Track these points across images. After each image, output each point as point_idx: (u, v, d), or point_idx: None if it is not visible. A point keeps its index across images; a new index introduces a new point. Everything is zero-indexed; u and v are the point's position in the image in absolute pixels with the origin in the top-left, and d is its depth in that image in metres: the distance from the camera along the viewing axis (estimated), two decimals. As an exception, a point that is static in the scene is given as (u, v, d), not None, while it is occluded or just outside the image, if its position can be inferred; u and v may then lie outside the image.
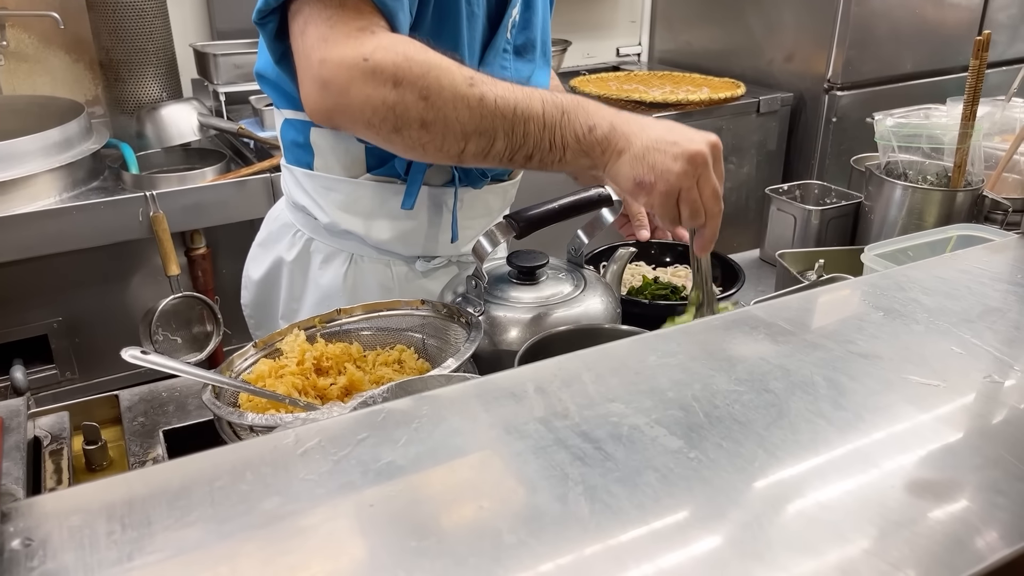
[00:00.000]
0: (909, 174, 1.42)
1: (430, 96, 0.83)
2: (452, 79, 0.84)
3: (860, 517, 0.49)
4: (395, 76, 0.83)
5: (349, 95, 0.84)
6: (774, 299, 1.18)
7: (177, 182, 1.98)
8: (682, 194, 0.84)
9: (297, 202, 1.23)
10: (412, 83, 0.83)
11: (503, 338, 1.02)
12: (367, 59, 0.83)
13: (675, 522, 0.49)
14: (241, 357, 0.98)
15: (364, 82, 0.83)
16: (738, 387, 0.62)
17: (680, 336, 0.71)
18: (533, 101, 0.85)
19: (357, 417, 0.59)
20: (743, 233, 3.01)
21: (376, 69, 0.83)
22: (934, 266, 0.85)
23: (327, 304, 1.21)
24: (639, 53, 3.49)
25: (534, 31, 1.19)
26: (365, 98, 0.84)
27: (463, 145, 0.86)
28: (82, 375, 2.02)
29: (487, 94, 0.84)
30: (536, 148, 0.86)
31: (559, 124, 0.85)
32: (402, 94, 0.83)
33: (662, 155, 0.83)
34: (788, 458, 0.55)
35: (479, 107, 0.84)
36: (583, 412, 0.59)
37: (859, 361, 0.66)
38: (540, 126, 0.85)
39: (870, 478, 0.53)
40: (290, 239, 1.26)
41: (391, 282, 1.23)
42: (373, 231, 1.18)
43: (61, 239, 1.86)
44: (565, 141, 0.85)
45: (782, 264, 1.35)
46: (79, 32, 2.37)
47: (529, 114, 0.84)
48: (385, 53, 0.83)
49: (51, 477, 0.95)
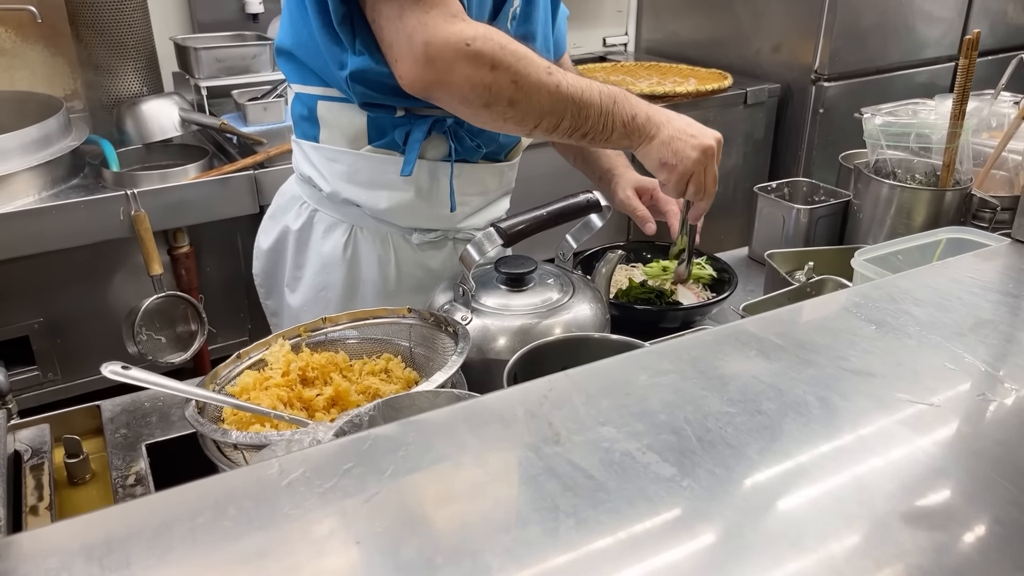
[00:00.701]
0: (898, 173, 1.42)
1: (519, 80, 0.98)
2: (536, 68, 1.00)
3: (856, 551, 0.48)
4: (493, 61, 0.97)
5: (452, 73, 0.97)
6: (767, 311, 1.18)
7: (159, 180, 1.95)
8: (693, 176, 1.08)
9: (303, 173, 1.30)
10: (506, 68, 0.98)
11: (491, 347, 1.01)
12: (469, 44, 0.96)
13: (670, 557, 0.48)
14: (225, 368, 0.97)
15: (467, 63, 0.97)
16: (730, 408, 0.61)
17: (671, 353, 0.70)
18: (593, 91, 1.03)
19: (343, 444, 0.58)
20: (730, 225, 3.01)
21: (479, 53, 0.96)
22: (925, 275, 0.85)
23: (327, 272, 1.30)
24: (625, 43, 3.47)
25: (534, 24, 1.22)
26: (466, 77, 0.97)
27: (539, 122, 1.02)
28: (64, 376, 1.99)
29: (561, 82, 1.01)
30: (592, 129, 1.04)
31: (611, 111, 1.04)
32: (497, 76, 0.98)
33: (683, 144, 1.06)
34: (781, 488, 0.54)
35: (556, 92, 1.00)
36: (574, 437, 0.58)
37: (852, 379, 0.65)
38: (598, 112, 1.03)
39: (865, 508, 0.52)
40: (297, 210, 1.33)
41: (388, 253, 1.29)
42: (372, 200, 1.24)
43: (41, 239, 1.83)
44: (614, 125, 1.04)
45: (771, 264, 1.34)
46: (57, 25, 2.32)
47: (591, 101, 1.02)
48: (485, 41, 0.97)
49: (32, 494, 0.93)
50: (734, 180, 2.95)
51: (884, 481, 0.54)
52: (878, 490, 0.53)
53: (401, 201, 1.23)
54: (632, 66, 3.11)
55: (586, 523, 0.50)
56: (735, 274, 1.36)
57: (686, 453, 0.56)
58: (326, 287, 1.31)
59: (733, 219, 3.02)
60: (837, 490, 0.54)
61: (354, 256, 1.29)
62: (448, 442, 0.58)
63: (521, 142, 1.32)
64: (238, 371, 0.97)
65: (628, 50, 3.48)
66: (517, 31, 1.19)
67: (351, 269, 1.29)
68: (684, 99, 2.69)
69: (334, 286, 1.30)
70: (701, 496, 0.52)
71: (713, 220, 2.96)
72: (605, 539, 0.49)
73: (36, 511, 0.92)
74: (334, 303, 1.31)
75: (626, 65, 3.13)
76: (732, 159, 2.91)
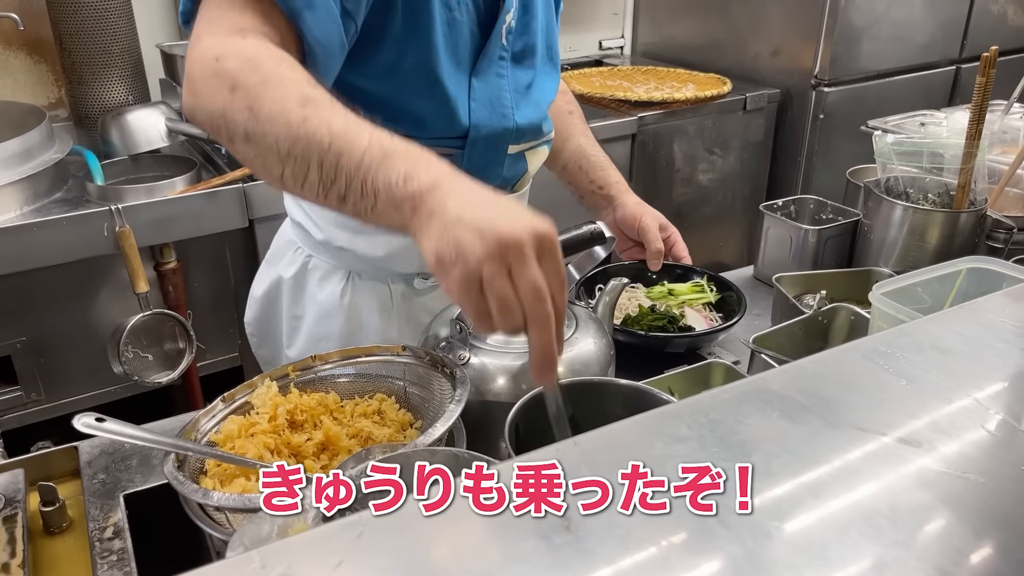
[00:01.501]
0: (910, 192, 1.37)
1: (255, 107, 0.75)
2: (284, 94, 0.75)
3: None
4: (234, 81, 0.76)
5: (198, 94, 0.79)
6: (779, 345, 1.13)
7: (145, 194, 1.89)
8: (484, 283, 0.66)
9: (295, 218, 1.22)
10: (245, 91, 0.76)
11: (490, 388, 0.95)
12: (218, 59, 0.78)
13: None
14: (207, 416, 0.91)
15: (208, 82, 0.78)
16: (756, 482, 0.56)
17: (688, 415, 0.65)
18: (358, 137, 0.73)
19: (332, 534, 0.52)
20: (727, 234, 2.96)
21: (221, 71, 0.77)
22: (953, 320, 0.80)
23: (327, 322, 1.20)
24: (622, 46, 3.42)
25: (533, 36, 1.13)
26: (208, 99, 0.78)
27: (282, 168, 0.76)
28: (48, 396, 1.94)
29: (312, 117, 0.74)
30: (348, 189, 0.73)
31: (375, 167, 0.71)
32: (232, 100, 0.76)
33: (469, 231, 0.66)
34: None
35: (298, 128, 0.73)
36: (587, 522, 0.53)
37: (884, 446, 0.60)
38: (355, 165, 0.72)
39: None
40: (291, 256, 1.25)
41: (389, 300, 1.21)
42: (369, 248, 1.15)
43: (23, 257, 1.77)
44: (376, 188, 0.71)
45: (780, 290, 1.29)
46: (40, 33, 2.26)
47: (345, 149, 0.72)
48: (236, 60, 0.77)
49: (4, 549, 0.88)
50: (733, 188, 2.90)
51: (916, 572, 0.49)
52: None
53: (400, 246, 1.14)
54: (629, 70, 3.06)
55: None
56: (743, 296, 1.31)
57: (710, 537, 0.51)
58: (325, 337, 1.21)
59: (731, 228, 2.98)
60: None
61: (352, 303, 1.19)
62: (450, 534, 0.52)
63: (527, 173, 1.21)
64: (220, 417, 0.92)
65: (624, 53, 3.43)
66: (515, 46, 1.11)
67: (350, 317, 1.19)
68: (682, 105, 2.64)
69: (332, 336, 1.20)
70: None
71: (710, 229, 2.94)
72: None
73: (8, 568, 0.87)
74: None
75: (623, 69, 3.07)
76: (730, 166, 2.86)
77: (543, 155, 1.23)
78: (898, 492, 0.56)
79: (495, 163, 1.12)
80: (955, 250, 1.30)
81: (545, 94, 1.18)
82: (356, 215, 0.75)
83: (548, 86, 1.19)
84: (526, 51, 1.13)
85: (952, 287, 1.04)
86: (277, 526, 0.65)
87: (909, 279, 1.02)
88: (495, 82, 1.08)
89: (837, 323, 1.16)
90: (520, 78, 1.13)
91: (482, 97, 1.07)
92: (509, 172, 1.16)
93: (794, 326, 1.14)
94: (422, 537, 0.52)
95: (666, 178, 2.73)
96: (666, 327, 1.27)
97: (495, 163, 1.12)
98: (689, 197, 2.82)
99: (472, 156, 1.08)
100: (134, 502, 0.94)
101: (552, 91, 1.21)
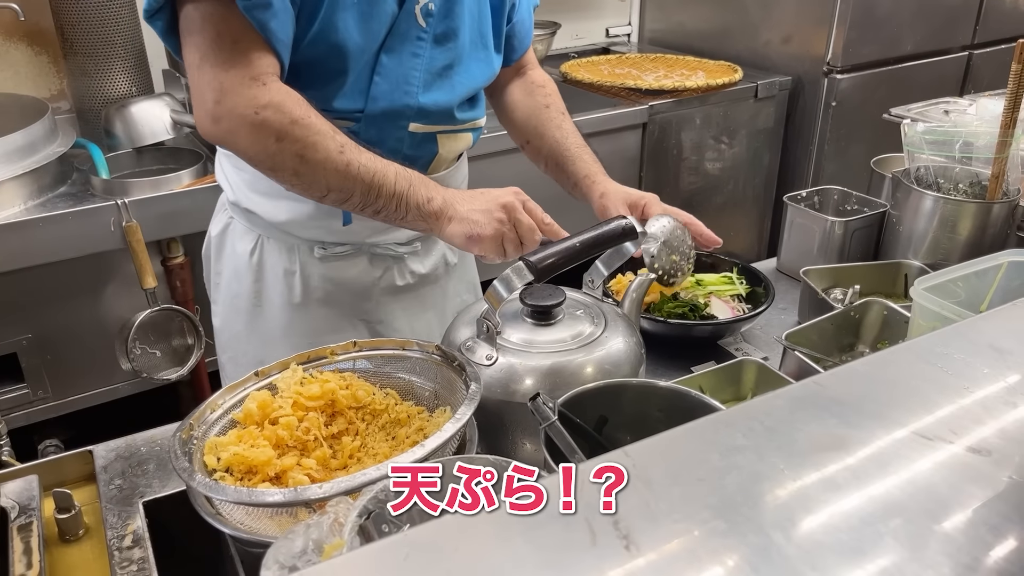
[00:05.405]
0: (941, 183, 1.33)
1: (305, 155, 1.00)
2: (327, 146, 1.01)
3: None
4: (279, 133, 0.99)
5: (237, 136, 1.00)
6: (811, 338, 1.10)
7: (151, 187, 1.86)
8: (505, 237, 1.03)
9: (219, 179, 1.31)
10: (292, 142, 1.00)
11: (518, 388, 0.92)
12: (258, 112, 0.98)
13: None
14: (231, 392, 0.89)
15: (251, 131, 0.99)
16: (825, 494, 0.53)
17: (742, 422, 0.61)
18: (388, 173, 1.04)
19: (374, 556, 0.49)
20: (741, 222, 2.93)
21: (264, 124, 0.99)
22: (1005, 317, 0.76)
23: (239, 279, 1.29)
24: (629, 34, 3.37)
25: (457, 20, 1.16)
26: (250, 143, 1.00)
27: (325, 193, 1.04)
28: (55, 394, 1.90)
29: (352, 162, 1.02)
30: (385, 207, 1.05)
31: (406, 194, 1.04)
32: (282, 148, 1.00)
33: (480, 212, 1.03)
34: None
35: (344, 171, 1.02)
36: (645, 539, 0.50)
37: (956, 456, 0.57)
38: (391, 193, 1.03)
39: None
40: (220, 216, 1.33)
41: (293, 265, 1.26)
42: (272, 212, 1.22)
43: (28, 252, 1.74)
44: (408, 207, 1.04)
45: (807, 282, 1.26)
46: (41, 23, 2.22)
47: (382, 183, 1.03)
48: (275, 112, 0.99)
49: (20, 560, 0.85)
50: (743, 177, 2.86)
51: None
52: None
53: (301, 213, 1.20)
54: (637, 58, 3.02)
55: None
56: (773, 288, 1.28)
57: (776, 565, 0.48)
58: (238, 295, 1.29)
59: (742, 217, 2.94)
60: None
61: (260, 265, 1.27)
62: (500, 552, 0.49)
63: (440, 156, 1.23)
64: (221, 413, 0.89)
65: (632, 41, 3.39)
66: (437, 28, 1.14)
67: (257, 278, 1.27)
68: (693, 93, 2.60)
69: (243, 295, 1.28)
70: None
71: (721, 218, 2.90)
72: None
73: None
74: (244, 313, 1.28)
75: (631, 57, 3.03)
76: (741, 155, 2.82)
77: (463, 142, 1.26)
78: (976, 507, 0.53)
79: (394, 139, 1.17)
80: (987, 242, 1.27)
81: (471, 79, 1.22)
82: (386, 221, 1.08)
83: (476, 72, 1.22)
84: (448, 34, 1.16)
85: (992, 281, 1.01)
86: (312, 541, 0.62)
87: (949, 274, 0.99)
88: (408, 61, 1.13)
89: (869, 318, 1.13)
90: (438, 59, 1.16)
91: (388, 73, 1.12)
92: (413, 151, 1.20)
93: (826, 322, 1.11)
94: (470, 556, 0.49)
95: (676, 167, 2.69)
96: (687, 315, 1.24)
97: (394, 139, 1.17)
98: (699, 186, 2.78)
99: (368, 128, 1.14)
100: (152, 508, 0.91)
101: (482, 78, 1.25)
